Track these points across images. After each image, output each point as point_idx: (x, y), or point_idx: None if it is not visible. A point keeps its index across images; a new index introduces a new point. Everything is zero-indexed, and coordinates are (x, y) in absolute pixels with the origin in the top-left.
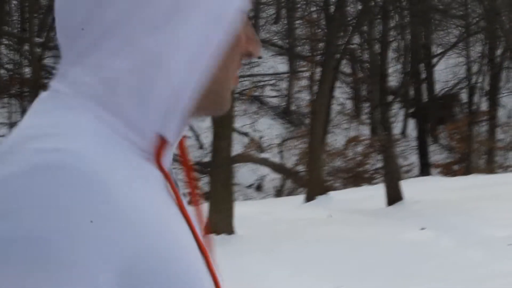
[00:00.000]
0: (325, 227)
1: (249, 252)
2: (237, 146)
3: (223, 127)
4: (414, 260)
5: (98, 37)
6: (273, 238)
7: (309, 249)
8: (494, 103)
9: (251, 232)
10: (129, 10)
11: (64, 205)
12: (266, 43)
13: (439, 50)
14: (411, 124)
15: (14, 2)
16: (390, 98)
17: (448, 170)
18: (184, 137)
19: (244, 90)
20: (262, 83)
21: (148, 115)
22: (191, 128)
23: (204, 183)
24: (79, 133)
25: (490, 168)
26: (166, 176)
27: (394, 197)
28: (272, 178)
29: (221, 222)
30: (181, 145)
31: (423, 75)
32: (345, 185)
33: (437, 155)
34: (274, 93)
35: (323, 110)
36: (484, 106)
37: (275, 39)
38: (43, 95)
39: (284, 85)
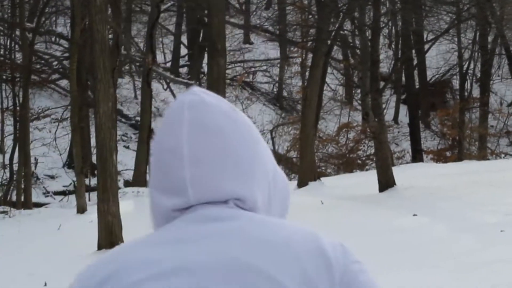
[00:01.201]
0: (317, 213)
1: None
2: None
3: None
4: (407, 246)
5: (252, 174)
6: None
7: None
8: (485, 90)
9: None
10: (259, 159)
11: None
12: (257, 29)
13: (431, 37)
14: (403, 110)
15: None
16: (381, 84)
17: (440, 157)
18: None
19: (235, 76)
20: (253, 69)
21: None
22: None
23: None
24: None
25: (482, 154)
26: None
27: (386, 183)
28: None
29: None
30: None
31: (415, 62)
32: (337, 171)
33: (429, 141)
34: (266, 79)
35: (314, 96)
36: (475, 92)
37: (266, 25)
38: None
39: (275, 71)
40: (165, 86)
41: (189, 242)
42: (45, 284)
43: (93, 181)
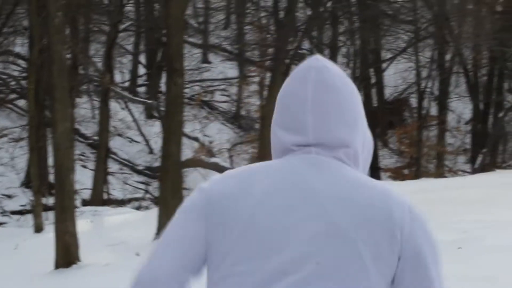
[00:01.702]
0: None
1: None
2: (187, 151)
3: (172, 133)
4: None
5: (356, 127)
6: None
7: None
8: (443, 108)
9: None
10: (360, 116)
11: None
12: (215, 48)
13: (389, 55)
14: None
15: None
16: None
17: (397, 174)
18: None
19: (194, 95)
20: (211, 88)
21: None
22: (141, 134)
23: (154, 188)
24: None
25: (439, 172)
26: None
27: None
28: None
29: None
30: None
31: (373, 80)
32: None
33: (386, 159)
34: (224, 98)
35: (272, 115)
36: (433, 110)
37: (225, 45)
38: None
39: (234, 90)
40: (123, 106)
41: (293, 187)
42: None
43: (51, 200)
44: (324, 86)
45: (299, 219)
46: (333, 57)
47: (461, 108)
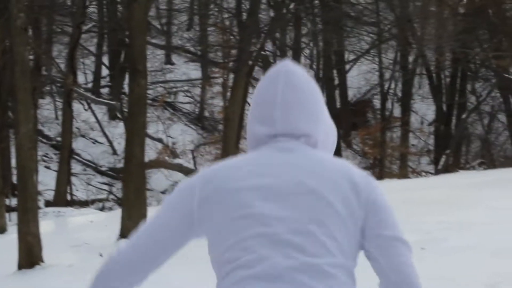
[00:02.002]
0: None
1: None
2: (150, 152)
3: (135, 134)
4: None
5: (318, 120)
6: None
7: None
8: (406, 109)
9: None
10: (322, 111)
11: None
12: (179, 49)
13: (352, 57)
14: None
15: None
16: None
17: None
18: None
19: (157, 96)
20: (175, 90)
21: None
22: (105, 135)
23: (117, 189)
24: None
25: (403, 173)
26: None
27: None
28: None
29: (134, 228)
30: None
31: (336, 81)
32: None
33: (350, 160)
34: (187, 100)
35: (236, 116)
36: (396, 112)
37: (188, 46)
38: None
39: (197, 91)
40: (86, 107)
41: (271, 165)
42: None
43: (14, 201)
44: (290, 87)
45: (283, 190)
46: (296, 59)
47: (424, 109)
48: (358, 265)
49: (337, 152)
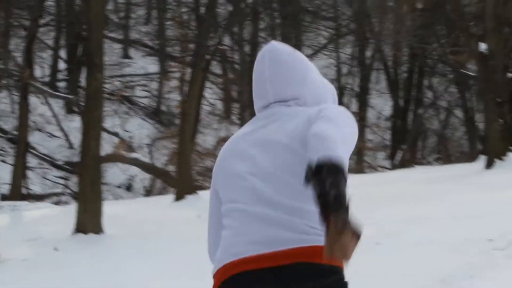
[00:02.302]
0: (194, 226)
1: (118, 252)
2: (107, 146)
3: (92, 127)
4: None
5: (303, 83)
6: (142, 237)
7: (178, 248)
8: (363, 104)
9: (120, 231)
10: (306, 74)
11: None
12: (136, 43)
13: (310, 52)
14: None
15: None
16: None
17: None
18: None
19: (114, 90)
20: (132, 84)
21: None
22: (61, 129)
23: (73, 183)
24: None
25: (359, 168)
26: None
27: None
28: (142, 178)
29: (89, 222)
30: None
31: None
32: None
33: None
34: (144, 94)
35: (193, 110)
36: (354, 107)
37: (146, 40)
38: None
39: (154, 85)
40: (43, 101)
41: (254, 130)
42: None
43: None
44: (275, 62)
45: (253, 145)
46: (253, 53)
47: (381, 104)
48: None
49: None
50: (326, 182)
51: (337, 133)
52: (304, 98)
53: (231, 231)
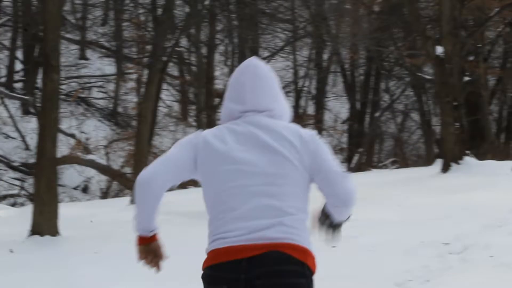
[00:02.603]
0: None
1: (74, 254)
2: (63, 147)
3: (48, 129)
4: None
5: (276, 99)
6: (98, 239)
7: (134, 250)
8: (320, 107)
9: (76, 233)
10: (278, 92)
11: None
12: (93, 44)
13: (266, 54)
14: None
15: None
16: (216, 101)
17: None
18: None
19: (70, 91)
20: (89, 85)
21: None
22: (17, 130)
23: (30, 184)
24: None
25: None
26: None
27: None
28: (99, 180)
29: (45, 224)
30: None
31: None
32: (171, 188)
33: None
34: (101, 95)
35: (149, 112)
36: (310, 109)
37: (103, 41)
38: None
39: (111, 87)
40: None
41: (240, 132)
42: None
43: None
44: (256, 77)
45: (249, 148)
46: (210, 55)
47: (338, 107)
48: None
49: None
50: (342, 222)
51: (347, 173)
52: (275, 111)
53: (222, 222)
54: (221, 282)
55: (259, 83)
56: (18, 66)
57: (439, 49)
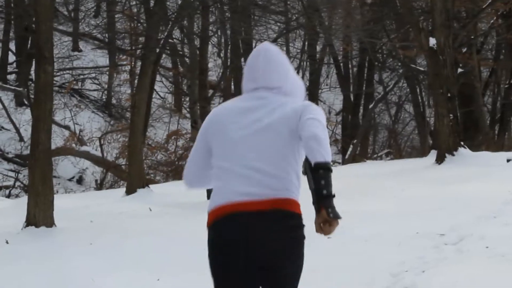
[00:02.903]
0: (145, 220)
1: (69, 245)
2: (58, 139)
3: (41, 120)
4: None
5: (285, 78)
6: (93, 231)
7: (129, 242)
8: (314, 99)
9: (71, 225)
10: (288, 71)
11: None
12: (86, 36)
13: None
14: None
15: None
16: (210, 92)
17: None
18: None
19: (64, 83)
20: (82, 77)
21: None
22: (11, 121)
23: (24, 176)
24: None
25: None
26: None
27: None
28: (93, 171)
29: (40, 215)
30: None
31: (243, 70)
32: (166, 179)
33: None
34: (95, 87)
35: (143, 104)
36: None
37: (95, 33)
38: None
39: (104, 78)
40: None
41: (249, 107)
42: None
43: None
44: (266, 59)
45: (249, 123)
46: (203, 47)
47: (331, 99)
48: None
49: None
50: (321, 181)
51: (326, 137)
52: (285, 88)
53: (222, 184)
54: None
55: (269, 63)
56: (11, 58)
57: (432, 41)
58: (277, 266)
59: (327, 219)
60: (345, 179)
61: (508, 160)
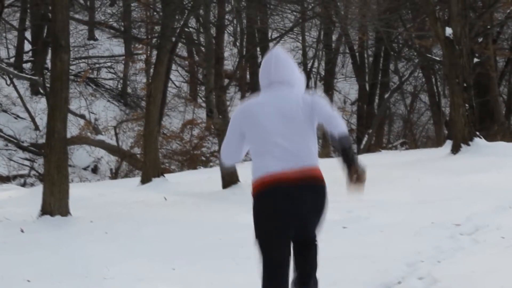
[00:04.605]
0: (160, 209)
1: (84, 234)
2: (73, 128)
3: (57, 109)
4: (247, 242)
5: (292, 73)
6: (108, 219)
7: (144, 230)
8: (329, 88)
9: (86, 214)
10: (294, 69)
11: None
12: (102, 25)
13: (275, 35)
14: None
15: None
16: (226, 81)
17: None
18: None
19: (79, 72)
20: (98, 66)
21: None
22: (27, 110)
23: (39, 165)
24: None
25: (325, 152)
26: None
27: (230, 180)
28: (109, 160)
29: (56, 204)
30: None
31: (259, 59)
32: (181, 168)
33: None
34: (110, 76)
35: (159, 93)
36: (319, 90)
37: (111, 22)
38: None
39: (120, 67)
40: (8, 82)
41: (267, 100)
42: None
43: None
44: (278, 62)
45: (272, 113)
46: (219, 36)
47: (347, 88)
48: None
49: None
50: (347, 145)
51: (339, 115)
52: (293, 82)
53: (260, 160)
54: None
55: (279, 64)
56: (27, 46)
57: (448, 30)
58: (312, 217)
59: (359, 170)
60: None
61: None
